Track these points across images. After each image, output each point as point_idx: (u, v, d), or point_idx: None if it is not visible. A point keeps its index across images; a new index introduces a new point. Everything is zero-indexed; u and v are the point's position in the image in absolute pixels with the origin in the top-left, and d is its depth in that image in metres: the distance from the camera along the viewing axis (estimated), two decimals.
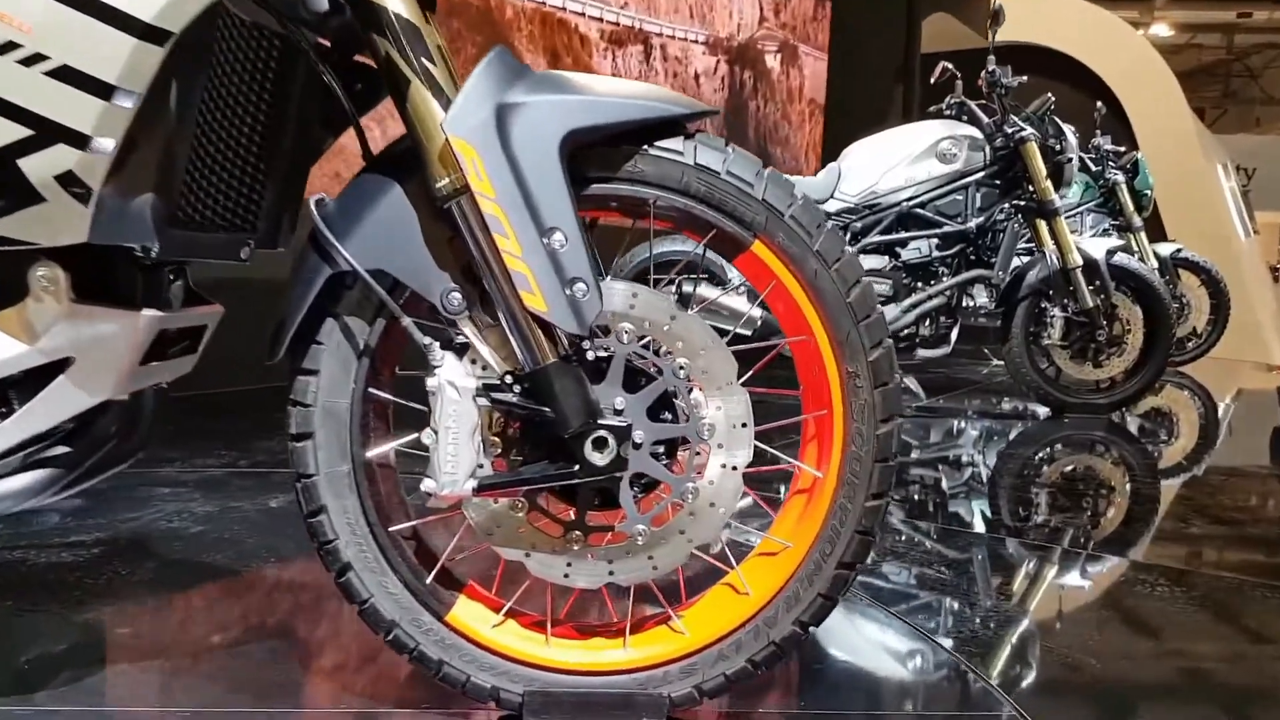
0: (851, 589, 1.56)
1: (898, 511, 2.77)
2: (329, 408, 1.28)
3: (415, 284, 1.22)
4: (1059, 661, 1.72)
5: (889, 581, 2.12)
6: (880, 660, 1.76)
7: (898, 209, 4.39)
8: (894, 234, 4.40)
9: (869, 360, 1.30)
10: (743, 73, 8.27)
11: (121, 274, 1.26)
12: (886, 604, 1.95)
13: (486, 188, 1.15)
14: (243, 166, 1.32)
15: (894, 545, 2.41)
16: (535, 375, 1.20)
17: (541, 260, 1.17)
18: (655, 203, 1.27)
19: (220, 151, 1.25)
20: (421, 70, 1.17)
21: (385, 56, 1.16)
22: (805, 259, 1.29)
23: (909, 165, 4.41)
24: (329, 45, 1.29)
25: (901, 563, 2.26)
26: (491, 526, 1.28)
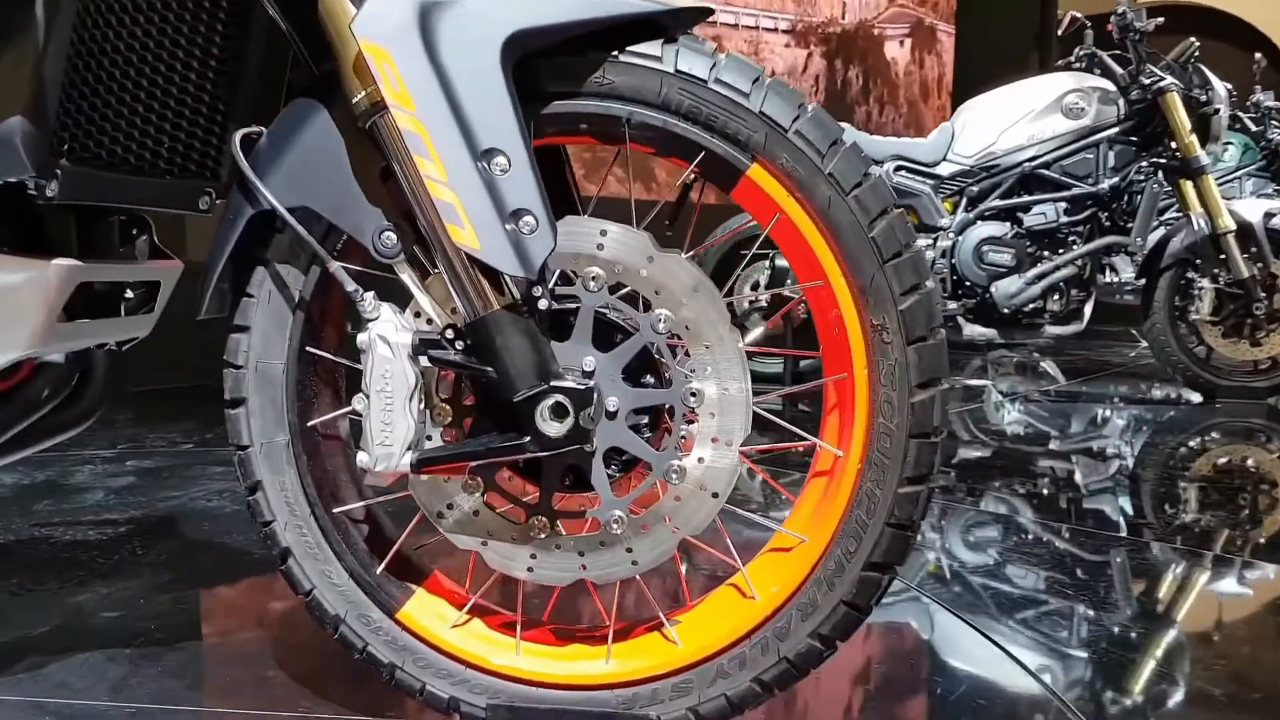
0: (935, 598, 1.30)
1: (1024, 509, 2.44)
2: (263, 370, 1.11)
3: (344, 223, 1.03)
4: (1209, 692, 1.40)
5: (1013, 586, 1.83)
6: (991, 691, 1.48)
7: (1019, 170, 3.98)
8: (1016, 198, 4.00)
9: (900, 310, 1.04)
10: (847, 68, 6.73)
11: (52, 223, 1.14)
12: (1005, 614, 1.66)
13: (404, 99, 0.95)
14: (181, 104, 1.18)
15: (1018, 545, 2.10)
16: (474, 327, 1.00)
17: (474, 188, 0.96)
18: (630, 121, 1.05)
19: (136, 84, 1.10)
20: None
21: None
22: (815, 184, 1.04)
23: (1031, 122, 3.99)
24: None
25: (1026, 566, 1.95)
26: (441, 509, 1.09)
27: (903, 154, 4.20)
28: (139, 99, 1.11)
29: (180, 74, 1.15)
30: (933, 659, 1.54)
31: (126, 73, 1.08)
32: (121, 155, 1.10)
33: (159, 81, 1.13)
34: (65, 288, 1.08)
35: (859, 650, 1.47)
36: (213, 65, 1.19)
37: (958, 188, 4.11)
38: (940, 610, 1.67)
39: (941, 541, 2.13)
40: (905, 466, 1.06)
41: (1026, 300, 3.98)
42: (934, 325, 1.05)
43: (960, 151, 4.14)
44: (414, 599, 1.15)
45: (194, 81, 1.15)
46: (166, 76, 1.13)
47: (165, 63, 1.12)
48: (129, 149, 1.11)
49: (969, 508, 2.43)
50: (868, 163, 1.05)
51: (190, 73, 1.15)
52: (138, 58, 1.11)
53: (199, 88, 1.16)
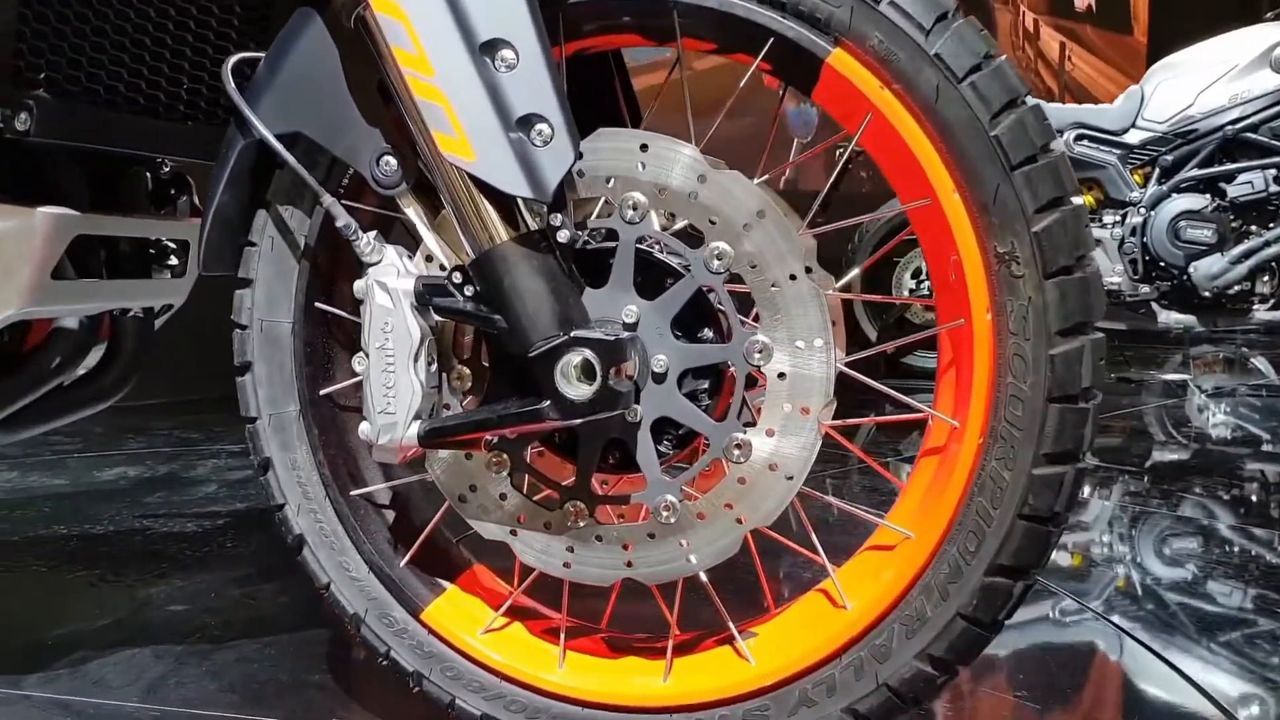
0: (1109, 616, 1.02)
1: (1224, 515, 2.06)
2: (268, 330, 0.97)
3: (338, 148, 0.87)
4: None
5: (1214, 606, 1.50)
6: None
7: (1220, 135, 3.47)
8: (1217, 166, 3.49)
9: (1034, 232, 0.78)
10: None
11: (56, 172, 1.04)
12: (1203, 639, 1.35)
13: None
14: (179, 29, 1.05)
15: (1220, 558, 1.75)
16: (478, 265, 0.82)
17: (468, 86, 0.78)
18: (680, 2, 0.84)
19: (117, 5, 0.99)
20: None
21: None
22: (918, 70, 0.80)
23: (1233, 80, 3.48)
24: None
25: (1229, 583, 1.61)
26: (463, 491, 0.91)
27: (1085, 121, 3.77)
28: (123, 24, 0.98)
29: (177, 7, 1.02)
30: (1116, 691, 1.24)
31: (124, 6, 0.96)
32: (109, 90, 0.98)
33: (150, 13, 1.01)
34: (56, 239, 0.97)
35: (1020, 677, 1.20)
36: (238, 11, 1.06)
37: (1149, 157, 3.64)
38: (1127, 636, 1.36)
39: (1132, 554, 1.79)
40: (1043, 440, 0.79)
41: (1231, 282, 3.47)
42: (1081, 253, 0.78)
43: (1152, 116, 3.67)
44: (444, 597, 0.98)
45: (177, 6, 1.02)
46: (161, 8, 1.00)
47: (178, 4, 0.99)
48: (117, 83, 0.99)
49: (1166, 515, 2.06)
50: (988, 43, 0.80)
51: (191, 6, 1.02)
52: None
53: (200, 9, 1.03)
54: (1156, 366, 4.71)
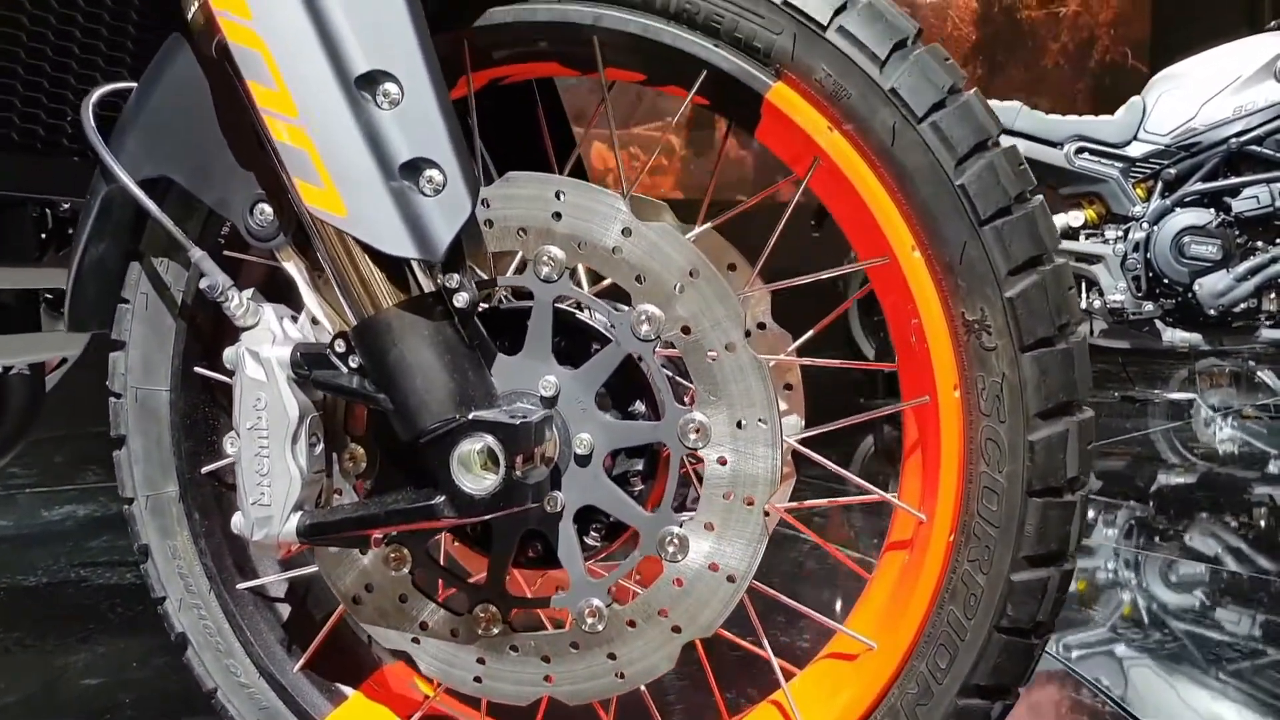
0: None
1: (1238, 544, 1.94)
2: (144, 399, 0.85)
3: (208, 195, 0.75)
4: None
5: (1222, 634, 1.38)
6: None
7: (1224, 148, 3.36)
8: (1222, 180, 3.37)
9: (1008, 298, 0.66)
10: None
11: None
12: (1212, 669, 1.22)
13: (235, 3, 0.66)
14: (34, 57, 0.93)
15: (1231, 588, 1.63)
16: (360, 334, 0.70)
17: (338, 128, 0.66)
18: (598, 28, 0.72)
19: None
20: None
21: None
22: (871, 109, 0.68)
23: (1237, 91, 3.36)
24: None
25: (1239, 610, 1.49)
26: (358, 591, 0.79)
27: (1085, 133, 3.65)
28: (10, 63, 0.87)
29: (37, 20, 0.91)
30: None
31: None
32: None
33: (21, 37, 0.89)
34: None
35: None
36: (79, 11, 0.94)
37: (1152, 170, 3.52)
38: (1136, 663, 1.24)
39: (1138, 580, 1.67)
40: (1023, 540, 0.67)
41: (1237, 299, 3.35)
42: (1064, 321, 0.66)
43: (1154, 129, 3.55)
44: (346, 706, 0.86)
45: (55, 29, 0.91)
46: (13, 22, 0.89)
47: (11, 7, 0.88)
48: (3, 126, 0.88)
49: (1172, 541, 1.94)
50: (954, 73, 0.68)
51: (49, 16, 0.91)
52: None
53: (84, 33, 0.92)
54: (1161, 383, 4.59)
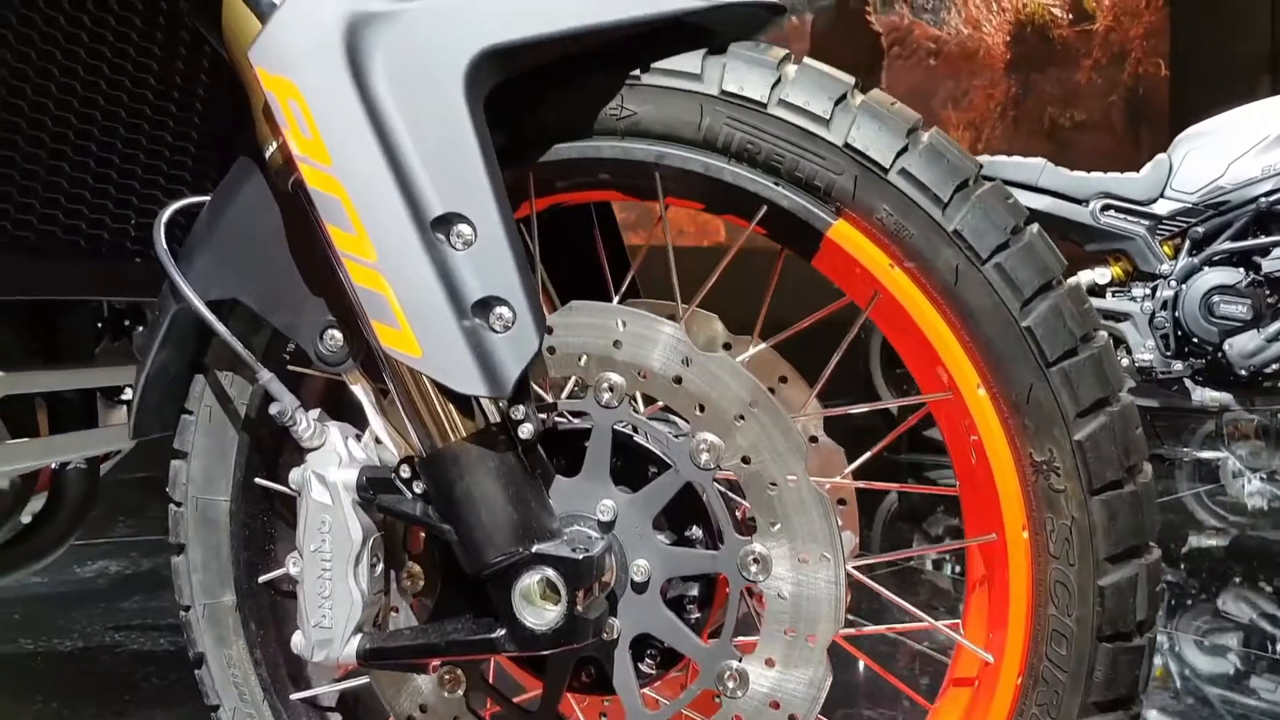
0: None
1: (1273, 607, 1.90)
2: (204, 509, 0.86)
3: (279, 320, 0.77)
4: None
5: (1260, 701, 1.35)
6: None
7: (1254, 207, 3.35)
8: (1251, 239, 3.36)
9: (1076, 440, 0.66)
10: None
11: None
12: None
13: (316, 150, 0.67)
14: (109, 169, 0.96)
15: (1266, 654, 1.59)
16: (428, 466, 0.71)
17: (415, 271, 0.67)
18: (661, 166, 0.74)
19: (44, 148, 0.89)
20: None
21: None
22: (934, 249, 0.69)
23: (1265, 151, 3.36)
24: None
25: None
26: (412, 711, 0.79)
27: (1111, 190, 3.65)
28: (58, 164, 0.89)
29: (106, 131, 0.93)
30: None
31: (32, 136, 0.87)
32: (41, 236, 0.89)
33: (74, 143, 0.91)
34: None
35: None
36: (146, 121, 0.97)
37: (1179, 228, 3.51)
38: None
39: (1170, 644, 1.65)
40: (1091, 686, 0.67)
41: (1268, 360, 3.32)
42: (1133, 463, 0.66)
43: (1181, 187, 3.54)
44: None
45: (123, 139, 0.93)
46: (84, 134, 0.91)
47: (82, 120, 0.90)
48: (52, 227, 0.90)
49: (1204, 603, 1.91)
50: (1018, 213, 0.69)
51: (118, 128, 0.93)
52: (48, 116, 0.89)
53: (130, 146, 0.94)
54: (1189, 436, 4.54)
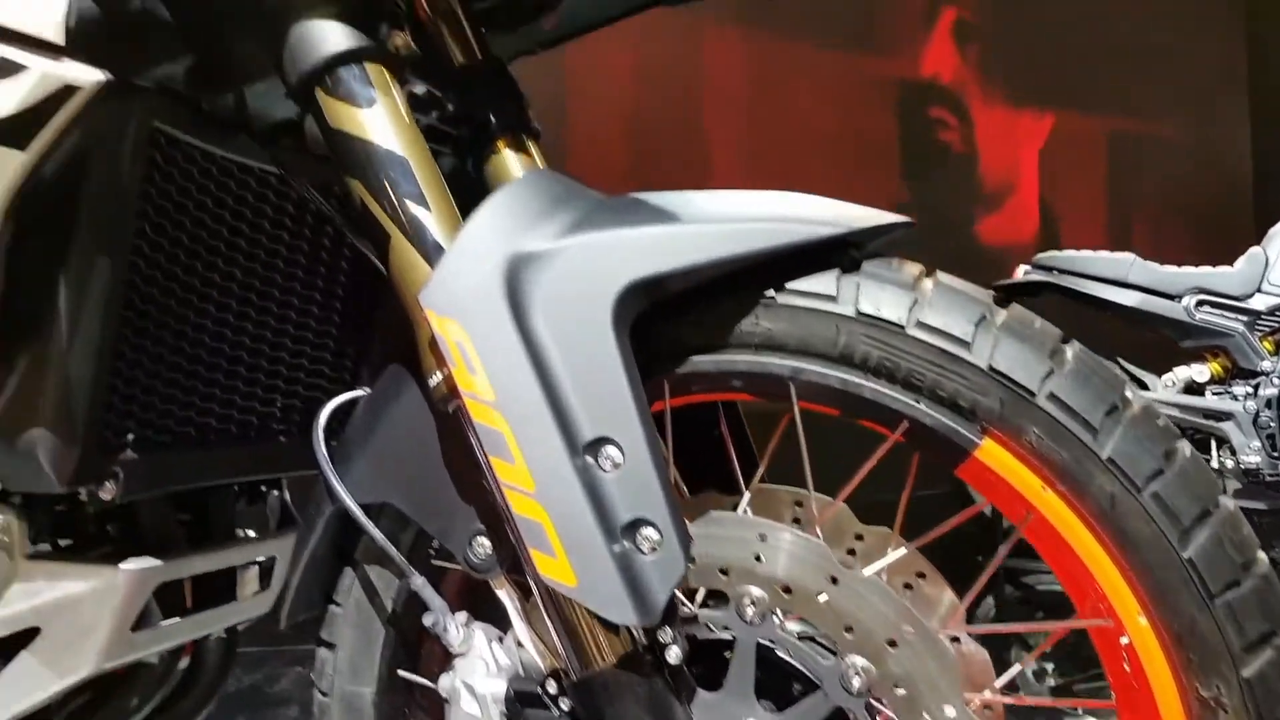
0: None
1: None
2: (349, 699, 0.89)
3: (430, 525, 0.80)
4: None
5: None
6: None
7: None
8: None
9: (1245, 677, 0.64)
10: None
11: (139, 516, 1.00)
12: None
13: (481, 387, 0.71)
14: (275, 361, 1.02)
15: None
16: (578, 689, 0.72)
17: (570, 500, 0.69)
18: (797, 380, 0.75)
19: (218, 347, 0.95)
20: (407, 219, 0.77)
21: (360, 205, 0.79)
22: (1087, 474, 0.68)
23: None
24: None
25: None
26: None
27: (1205, 285, 3.55)
28: (216, 361, 0.95)
29: (259, 325, 0.99)
30: None
31: (196, 338, 0.93)
32: (200, 429, 0.94)
33: (232, 340, 0.97)
34: (139, 594, 0.92)
35: None
36: (293, 311, 1.02)
37: (1278, 324, 3.40)
38: None
39: None
40: None
41: None
42: None
43: (1278, 281, 3.44)
44: None
45: (273, 329, 0.99)
46: (242, 330, 0.97)
47: (240, 319, 0.96)
48: (209, 419, 0.95)
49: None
50: (1170, 436, 0.69)
51: (269, 320, 0.99)
52: (209, 319, 0.95)
53: (279, 336, 1.00)
54: None
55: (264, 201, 0.96)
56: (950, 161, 3.87)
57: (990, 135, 3.96)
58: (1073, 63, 3.87)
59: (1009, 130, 4.00)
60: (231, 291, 0.95)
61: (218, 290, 0.94)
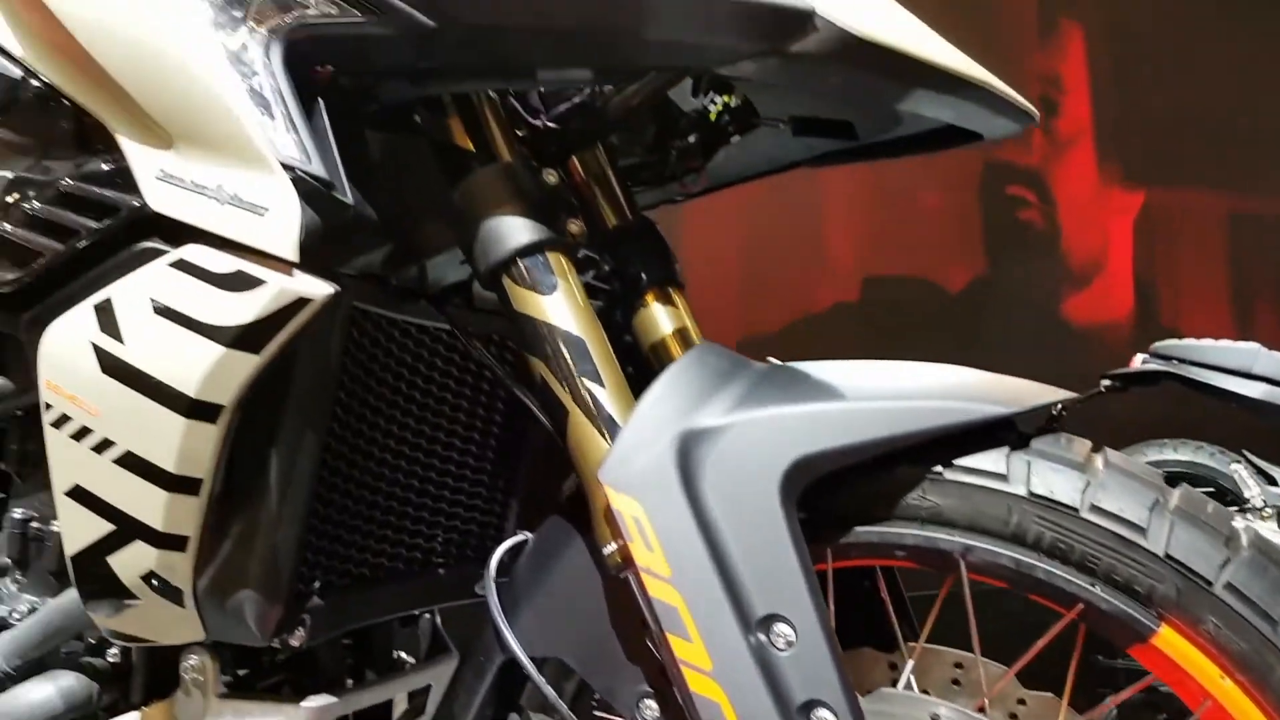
0: None
1: None
2: None
3: (597, 682, 0.84)
4: None
5: None
6: None
7: None
8: None
9: None
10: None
11: (317, 656, 1.05)
12: None
13: (657, 562, 0.74)
14: (454, 503, 1.08)
15: None
16: None
17: (746, 678, 0.72)
18: (967, 557, 0.77)
19: (404, 494, 1.02)
20: (583, 397, 0.82)
21: (540, 381, 0.84)
22: (1267, 665, 0.68)
23: None
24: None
25: None
26: None
27: None
28: (386, 506, 1.01)
29: (426, 467, 1.05)
30: None
31: (376, 485, 0.99)
32: (374, 569, 1.00)
33: (415, 483, 1.03)
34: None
35: None
36: (455, 453, 1.08)
37: None
38: None
39: None
40: None
41: None
42: None
43: None
44: None
45: (437, 470, 1.05)
46: (410, 474, 1.03)
47: (411, 463, 1.02)
48: (382, 559, 1.01)
49: None
50: None
51: (435, 462, 1.05)
52: (395, 464, 1.01)
53: (442, 475, 1.06)
54: None
55: (435, 355, 1.03)
56: (1035, 238, 3.80)
57: (1080, 212, 3.89)
58: (1188, 138, 3.78)
59: (1101, 207, 3.92)
60: (406, 438, 1.02)
61: (395, 439, 1.00)
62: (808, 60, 0.75)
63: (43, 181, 0.86)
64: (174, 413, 0.76)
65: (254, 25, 0.75)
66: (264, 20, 0.75)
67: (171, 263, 0.75)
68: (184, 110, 0.76)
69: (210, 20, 0.75)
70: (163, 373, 0.75)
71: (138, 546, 0.81)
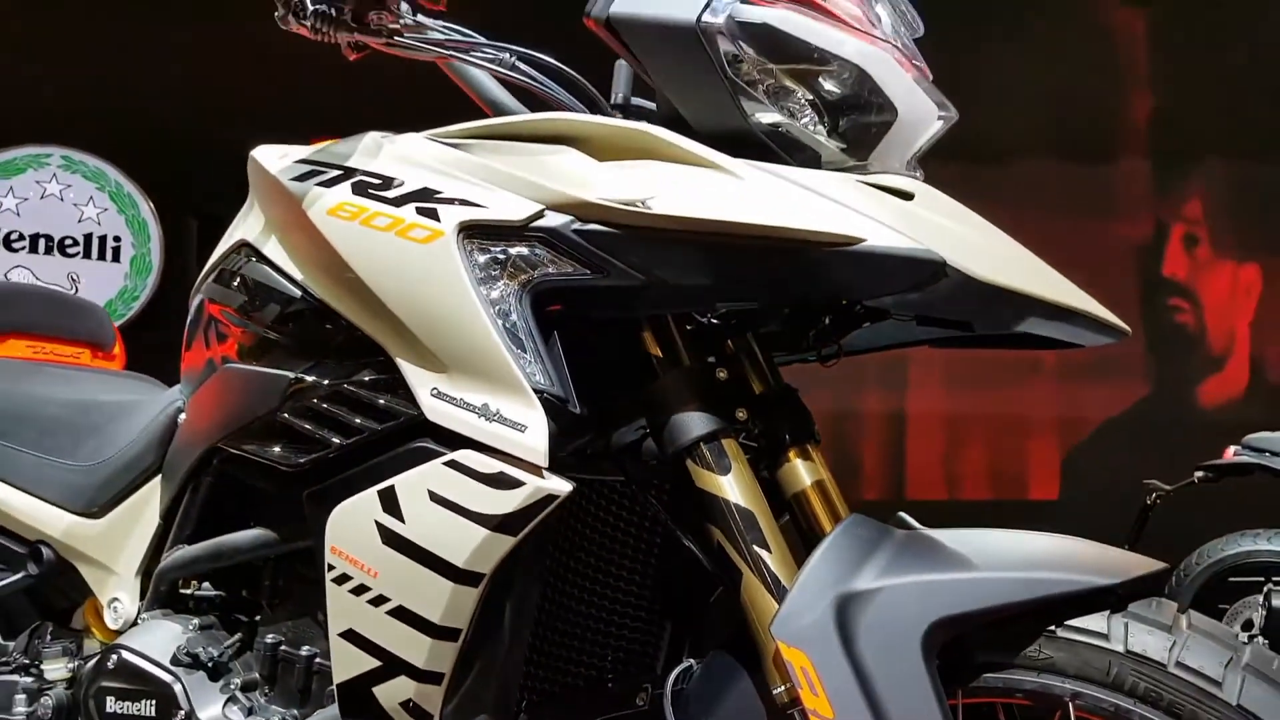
0: None
1: None
2: None
3: None
4: None
5: None
6: None
7: None
8: None
9: None
10: None
11: None
12: None
13: (822, 706, 0.93)
14: (635, 621, 1.28)
15: None
16: None
17: None
18: (1075, 701, 0.95)
19: (600, 620, 1.22)
20: (753, 560, 1.02)
21: (717, 545, 1.04)
22: None
23: None
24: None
25: None
26: None
27: None
28: (574, 643, 1.20)
29: (603, 599, 1.24)
30: None
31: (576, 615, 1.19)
32: (563, 690, 1.19)
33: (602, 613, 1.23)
34: None
35: None
36: (623, 583, 1.27)
37: None
38: None
39: None
40: None
41: None
42: None
43: None
44: None
45: (610, 598, 1.23)
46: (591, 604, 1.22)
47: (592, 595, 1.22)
48: (575, 677, 1.20)
49: None
50: None
51: (610, 594, 1.24)
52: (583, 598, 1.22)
53: (613, 603, 1.24)
54: None
55: (610, 502, 1.24)
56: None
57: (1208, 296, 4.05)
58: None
59: (1226, 290, 4.07)
60: (587, 574, 1.22)
61: (579, 574, 1.21)
62: (940, 297, 0.95)
63: (320, 384, 1.10)
64: (443, 578, 0.98)
65: (508, 280, 0.98)
66: (516, 277, 0.99)
67: (445, 462, 0.98)
68: (456, 345, 0.99)
69: (477, 279, 0.98)
70: (437, 547, 0.98)
71: (401, 680, 1.03)
